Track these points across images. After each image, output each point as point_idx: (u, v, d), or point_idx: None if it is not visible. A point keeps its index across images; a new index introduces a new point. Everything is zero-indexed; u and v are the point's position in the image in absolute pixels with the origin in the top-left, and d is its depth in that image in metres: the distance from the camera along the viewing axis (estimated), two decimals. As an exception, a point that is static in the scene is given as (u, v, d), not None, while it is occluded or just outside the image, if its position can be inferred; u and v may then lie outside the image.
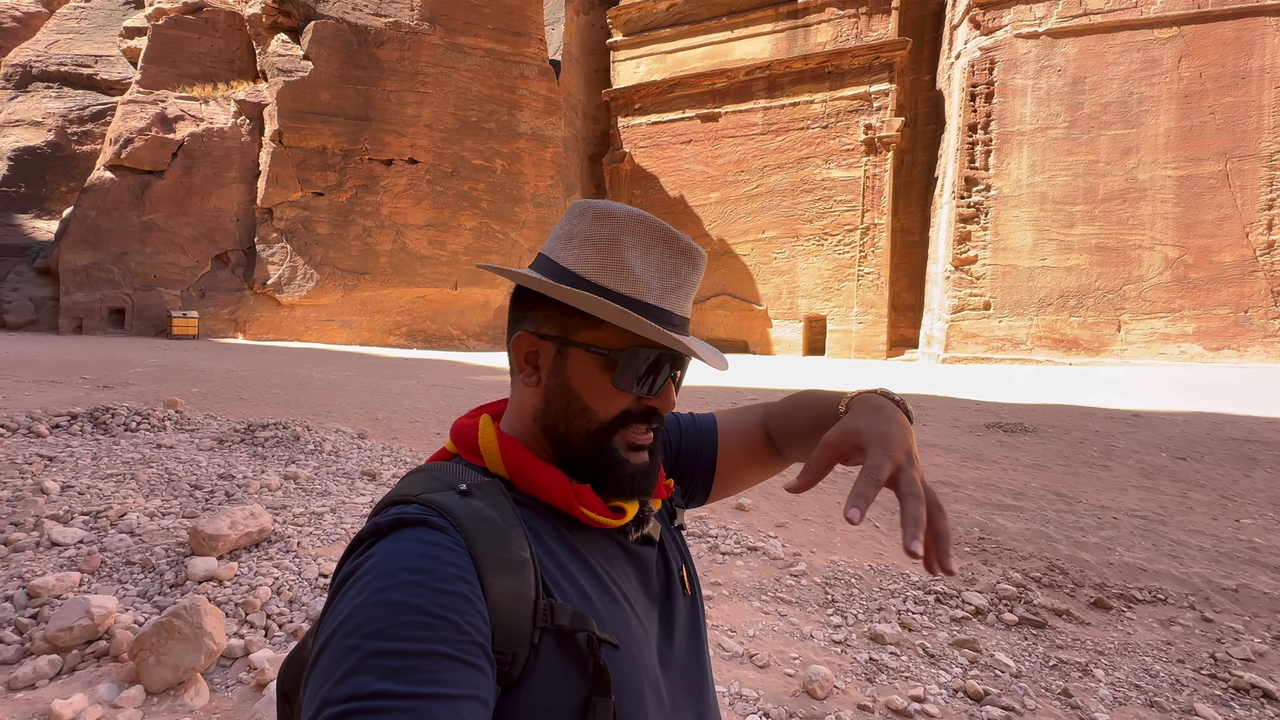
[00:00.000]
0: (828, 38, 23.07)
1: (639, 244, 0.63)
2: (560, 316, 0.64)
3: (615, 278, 0.62)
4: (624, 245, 0.63)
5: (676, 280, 0.64)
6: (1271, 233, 17.52)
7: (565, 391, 0.63)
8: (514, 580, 0.52)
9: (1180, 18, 18.21)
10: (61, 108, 22.96)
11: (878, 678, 2.36)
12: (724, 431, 0.85)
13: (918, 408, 9.92)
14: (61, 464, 3.95)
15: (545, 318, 0.64)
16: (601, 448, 0.63)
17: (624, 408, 0.63)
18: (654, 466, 0.66)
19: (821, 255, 23.03)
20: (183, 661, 1.93)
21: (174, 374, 10.05)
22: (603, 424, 0.63)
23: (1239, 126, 17.81)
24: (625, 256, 0.63)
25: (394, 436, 6.19)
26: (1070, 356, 18.92)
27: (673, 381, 0.66)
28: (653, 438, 0.66)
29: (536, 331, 0.65)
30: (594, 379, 0.62)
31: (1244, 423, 8.74)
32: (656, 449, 0.67)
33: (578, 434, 0.63)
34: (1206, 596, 3.15)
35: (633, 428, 0.64)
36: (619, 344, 0.62)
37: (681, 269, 0.65)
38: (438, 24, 21.47)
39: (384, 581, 0.47)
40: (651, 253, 0.64)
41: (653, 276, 0.63)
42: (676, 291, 0.64)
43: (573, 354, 0.63)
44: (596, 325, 0.63)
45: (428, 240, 21.66)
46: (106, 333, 19.17)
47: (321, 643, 0.47)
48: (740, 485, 0.87)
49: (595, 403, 0.63)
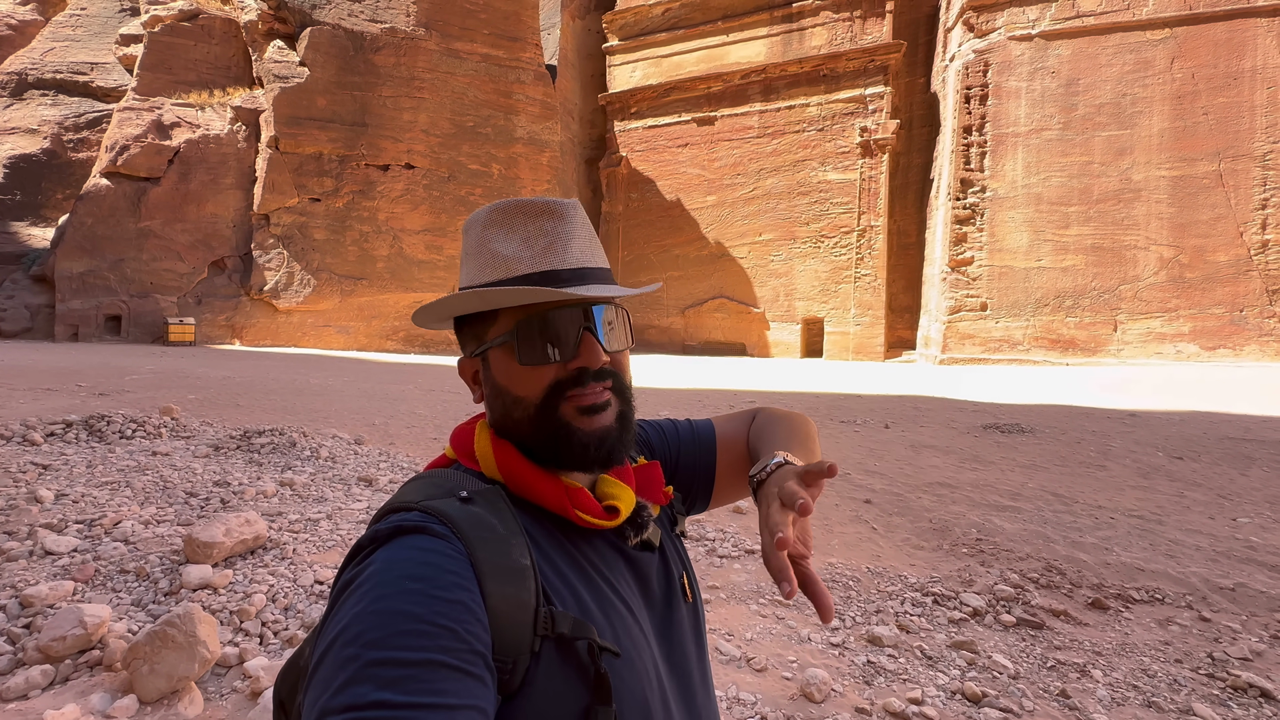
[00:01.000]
0: (822, 41, 23.17)
1: (500, 229, 0.65)
2: (473, 331, 0.67)
3: (490, 271, 0.64)
4: (489, 239, 0.64)
5: (547, 239, 0.64)
6: (1265, 232, 17.60)
7: (496, 391, 0.65)
8: (515, 588, 0.52)
9: (1172, 19, 18.33)
10: (57, 115, 22.94)
11: (875, 680, 2.35)
12: (722, 439, 0.84)
13: (915, 409, 9.93)
14: (56, 472, 3.93)
15: (467, 339, 0.68)
16: (548, 424, 0.62)
17: (549, 380, 0.62)
18: (618, 430, 0.64)
19: (818, 257, 23.08)
20: (176, 670, 1.92)
21: (170, 381, 10.02)
22: (536, 404, 0.62)
23: (1232, 127, 17.92)
24: (492, 248, 0.64)
25: (391, 442, 6.18)
26: (1067, 357, 18.97)
27: (591, 333, 0.63)
28: (609, 395, 0.64)
29: (466, 353, 0.69)
30: (509, 367, 0.63)
31: (1240, 422, 8.77)
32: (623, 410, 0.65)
33: (521, 424, 0.63)
34: (1204, 596, 3.15)
35: (572, 393, 0.62)
36: (511, 325, 0.63)
37: (547, 227, 0.64)
38: (433, 30, 21.52)
39: (383, 590, 0.47)
40: (513, 230, 0.64)
41: (518, 249, 0.63)
42: (551, 249, 0.63)
43: (490, 356, 0.65)
44: (495, 320, 0.64)
45: (425, 245, 21.67)
46: (103, 340, 19.12)
47: (321, 651, 0.46)
48: (734, 497, 0.87)
49: (520, 389, 0.63)
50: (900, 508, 4.61)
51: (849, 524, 4.24)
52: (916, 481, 5.37)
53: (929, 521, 4.30)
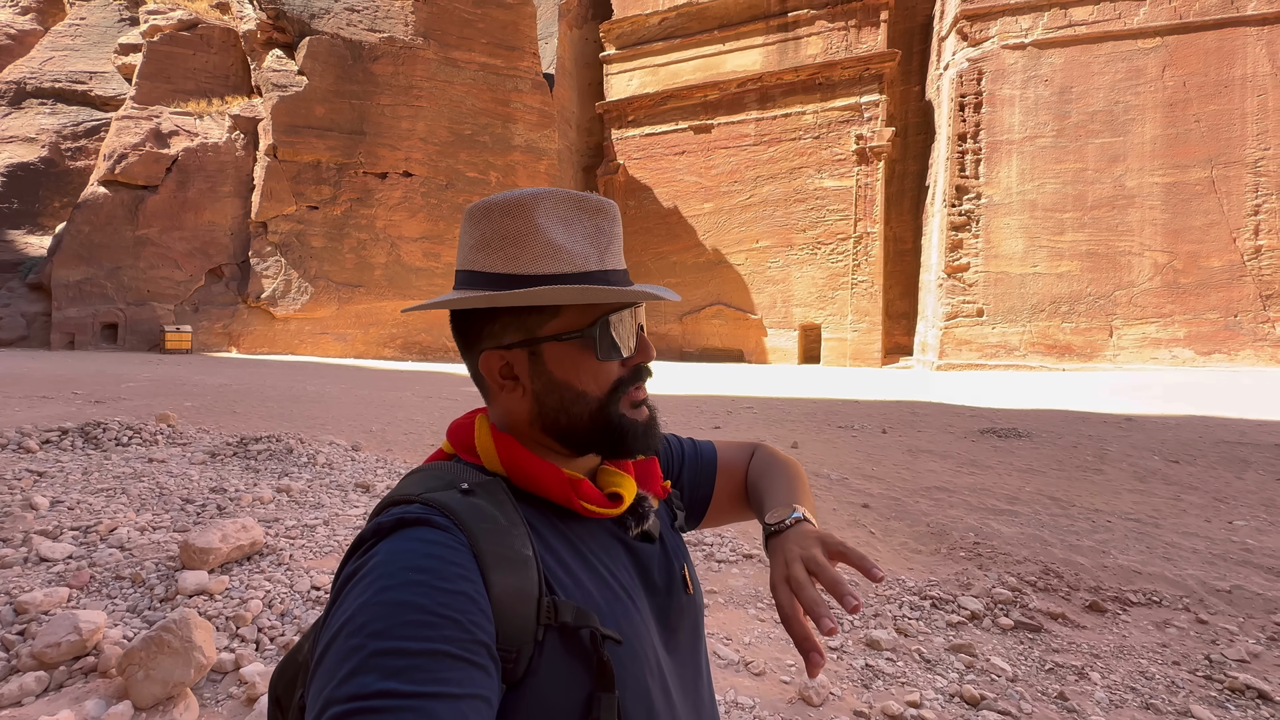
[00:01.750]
0: (818, 50, 23.36)
1: (557, 220, 0.63)
2: (518, 321, 0.63)
3: (551, 261, 0.61)
4: (543, 228, 0.62)
5: (605, 239, 0.65)
6: (1258, 238, 17.73)
7: (555, 386, 0.63)
8: (517, 578, 0.53)
9: (1163, 28, 18.54)
10: (55, 124, 22.98)
11: (874, 684, 2.35)
12: (723, 464, 0.86)
13: (912, 414, 9.95)
14: (51, 479, 3.91)
15: (503, 329, 0.63)
16: (609, 420, 0.64)
17: (616, 377, 0.65)
18: (654, 418, 0.68)
19: (815, 264, 23.16)
20: (172, 676, 1.91)
21: (167, 388, 10.00)
22: (601, 400, 0.64)
23: (1223, 134, 18.08)
24: (550, 238, 0.62)
25: (388, 448, 6.17)
26: (1063, 362, 19.02)
27: (641, 331, 0.68)
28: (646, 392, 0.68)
29: (500, 344, 0.64)
30: (578, 363, 0.63)
31: (1236, 425, 8.80)
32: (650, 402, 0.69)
33: (581, 419, 0.64)
34: (1201, 598, 3.16)
35: (631, 389, 0.66)
36: (586, 321, 0.63)
37: (604, 227, 0.65)
38: (432, 39, 21.65)
39: (387, 581, 0.48)
40: (573, 224, 0.63)
41: (584, 245, 0.63)
42: (609, 249, 0.65)
43: (546, 350, 0.63)
44: (555, 313, 0.63)
45: (423, 253, 21.69)
46: (99, 348, 19.06)
47: (325, 643, 0.47)
48: (725, 521, 0.89)
49: (587, 384, 0.63)
50: (898, 512, 4.61)
51: (847, 528, 4.24)
52: (914, 486, 5.37)
53: (927, 525, 4.30)
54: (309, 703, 0.45)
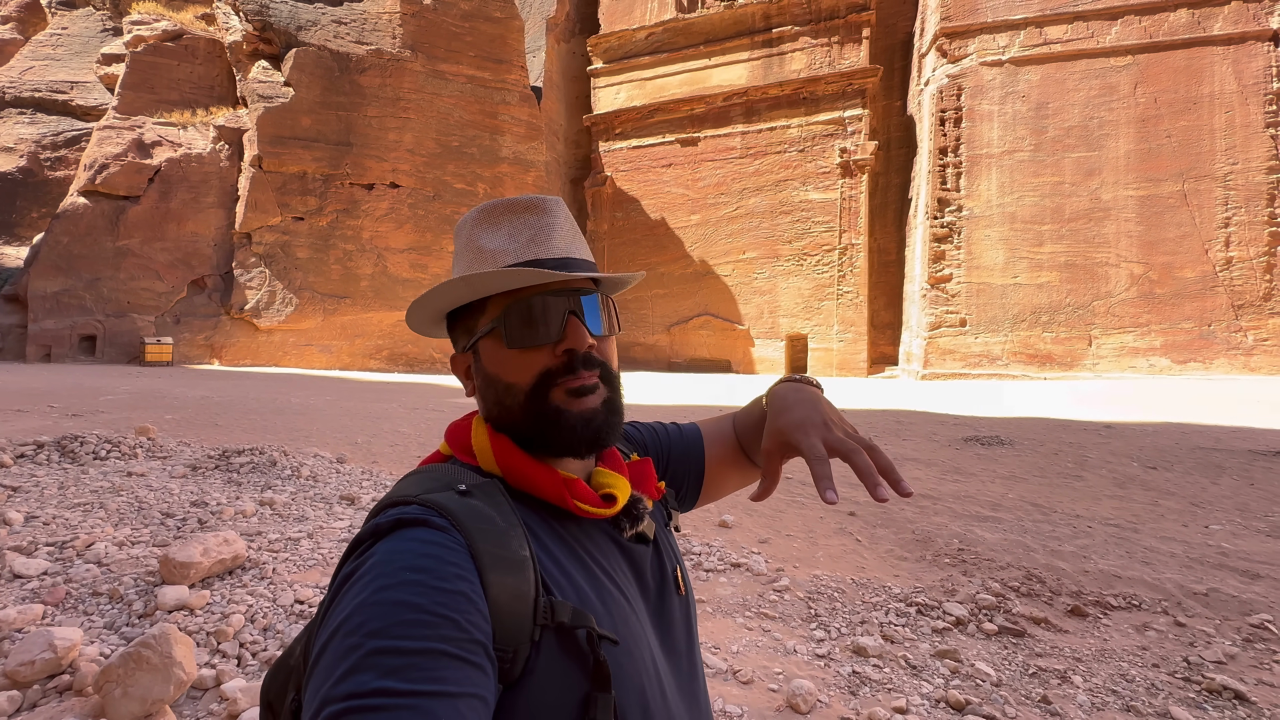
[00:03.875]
0: (802, 65, 23.77)
1: (486, 226, 0.68)
2: (464, 324, 0.69)
3: (477, 266, 0.66)
4: (476, 237, 0.68)
5: (531, 232, 0.66)
6: (1229, 249, 18.23)
7: (489, 381, 0.66)
8: (514, 578, 0.53)
9: (1134, 47, 19.12)
10: (35, 133, 22.66)
11: (861, 690, 2.36)
12: (708, 439, 0.88)
13: (898, 423, 10.05)
14: (26, 494, 3.83)
15: (457, 335, 0.70)
16: (540, 409, 0.63)
17: (541, 367, 0.64)
18: (604, 414, 0.65)
19: (801, 275, 23.40)
20: (151, 693, 1.87)
21: (146, 401, 9.82)
22: (527, 391, 0.63)
23: (1193, 149, 18.63)
24: (480, 244, 0.67)
25: (374, 460, 6.10)
26: (1044, 371, 19.34)
27: (577, 318, 0.64)
28: (597, 380, 0.65)
29: (459, 348, 0.70)
30: (499, 355, 0.65)
31: (1211, 432, 8.99)
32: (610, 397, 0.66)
33: (514, 411, 0.64)
34: (1179, 601, 3.22)
35: (562, 380, 0.64)
36: (498, 312, 0.65)
37: (531, 220, 0.67)
38: (419, 51, 21.72)
39: (384, 581, 0.48)
40: (499, 226, 0.67)
41: (504, 242, 0.66)
42: (535, 240, 0.66)
43: (480, 347, 0.67)
44: (483, 311, 0.66)
45: (409, 264, 21.60)
46: (76, 360, 18.69)
47: (322, 642, 0.47)
48: (723, 492, 0.90)
49: (511, 375, 0.64)
50: (884, 520, 4.64)
51: (834, 536, 4.27)
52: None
53: (912, 533, 4.34)
54: (306, 701, 0.45)
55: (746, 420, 0.86)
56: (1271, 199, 17.95)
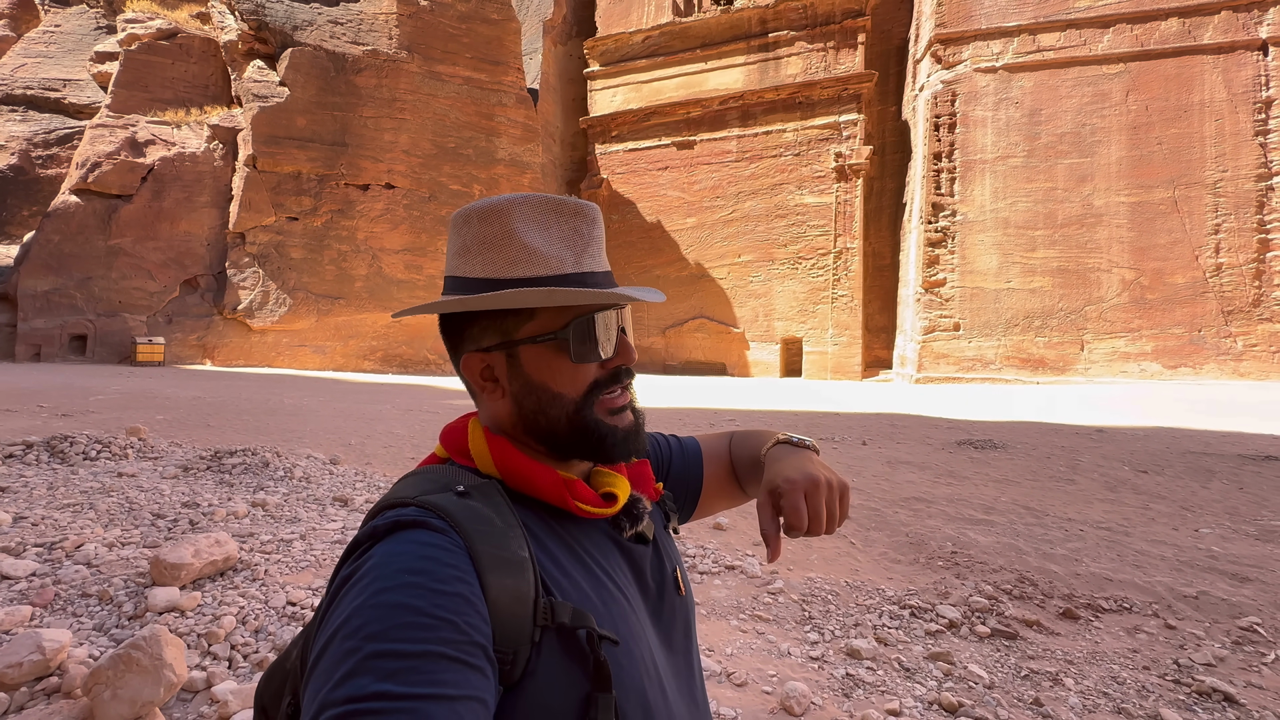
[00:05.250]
0: (798, 70, 23.90)
1: (534, 224, 0.64)
2: (496, 324, 0.64)
3: (526, 265, 0.62)
4: (520, 232, 0.63)
5: (582, 242, 0.65)
6: (1219, 255, 18.42)
7: (531, 388, 0.64)
8: (513, 580, 0.53)
9: (1126, 55, 19.33)
10: (26, 131, 22.48)
11: (854, 693, 2.37)
12: (707, 453, 0.88)
13: (892, 426, 10.09)
14: (15, 494, 3.79)
15: (482, 332, 0.65)
16: (585, 423, 0.64)
17: (591, 379, 0.65)
18: (640, 423, 0.68)
19: (796, 279, 23.48)
20: (140, 695, 1.85)
21: (137, 401, 9.74)
22: (577, 402, 0.64)
23: (1184, 156, 18.83)
24: (526, 241, 0.63)
25: (368, 462, 6.08)
26: (1037, 375, 19.46)
27: (624, 335, 0.67)
28: (629, 396, 0.68)
29: (480, 347, 0.65)
30: (553, 365, 0.64)
31: (1201, 437, 9.06)
32: (636, 406, 0.69)
33: (558, 422, 0.64)
34: (1169, 604, 3.24)
35: (606, 393, 0.65)
36: (560, 323, 0.63)
37: (582, 229, 0.65)
38: (416, 52, 21.70)
39: (383, 583, 0.48)
40: (549, 227, 0.64)
41: (559, 248, 0.63)
42: (587, 251, 0.65)
43: (523, 353, 0.64)
44: (532, 316, 0.64)
45: (404, 264, 21.54)
46: (67, 360, 18.52)
47: (321, 645, 0.47)
48: (713, 509, 0.90)
49: (563, 386, 0.64)
50: (877, 522, 4.66)
51: (828, 539, 4.28)
52: (893, 496, 5.44)
53: (905, 535, 4.35)
54: (304, 705, 0.45)
55: (742, 450, 0.86)
56: (1261, 206, 18.16)
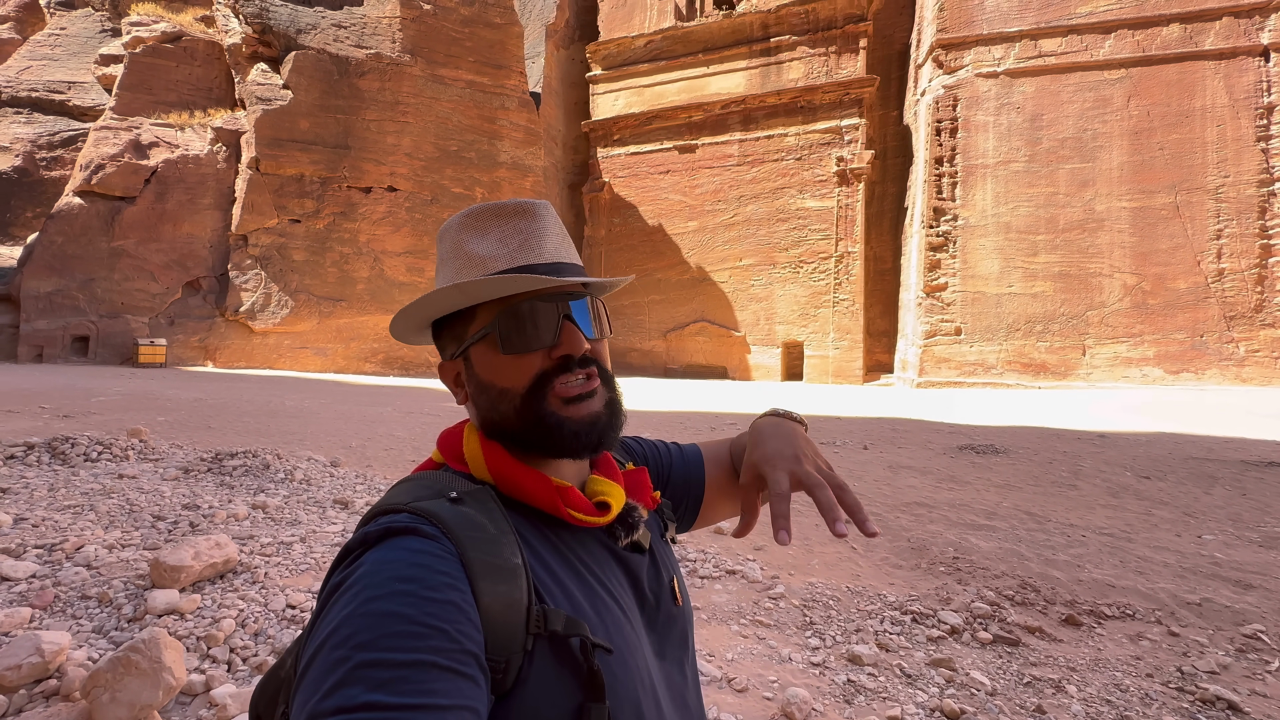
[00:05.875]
0: (799, 74, 23.95)
1: (474, 232, 0.66)
2: (452, 332, 0.67)
3: (468, 271, 0.65)
4: (464, 242, 0.66)
5: (521, 238, 0.65)
6: (1221, 261, 18.40)
7: (481, 387, 0.65)
8: (506, 587, 0.52)
9: (1127, 60, 19.35)
10: (31, 133, 22.58)
11: (856, 699, 2.35)
12: (709, 459, 0.87)
13: (893, 430, 10.07)
14: (15, 496, 3.79)
15: (445, 342, 0.69)
16: (534, 414, 0.63)
17: (536, 370, 0.63)
18: (610, 415, 0.66)
19: (797, 283, 23.48)
20: (139, 698, 1.85)
21: (139, 403, 9.75)
22: (521, 395, 0.63)
23: (1186, 162, 18.83)
24: (468, 250, 0.65)
25: (368, 464, 6.07)
26: (1039, 380, 19.42)
27: (570, 322, 0.65)
28: (595, 384, 0.65)
29: (446, 357, 0.69)
30: (493, 361, 0.64)
31: (1203, 442, 9.04)
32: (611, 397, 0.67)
33: (509, 416, 0.64)
34: (1172, 611, 3.22)
35: (558, 381, 0.63)
36: (491, 317, 0.64)
37: (521, 226, 0.66)
38: (419, 56, 21.79)
39: (373, 591, 0.47)
40: (487, 232, 0.66)
41: (494, 248, 0.65)
42: (526, 246, 0.65)
43: (472, 354, 0.66)
44: (473, 317, 0.65)
45: (406, 267, 21.59)
46: (69, 361, 18.55)
47: (310, 654, 0.46)
48: (717, 517, 0.89)
49: (506, 380, 0.63)
50: (879, 527, 4.64)
51: (829, 544, 4.26)
52: (895, 501, 5.42)
53: (907, 541, 4.34)
54: (293, 715, 0.44)
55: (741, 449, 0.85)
56: (1262, 212, 18.14)
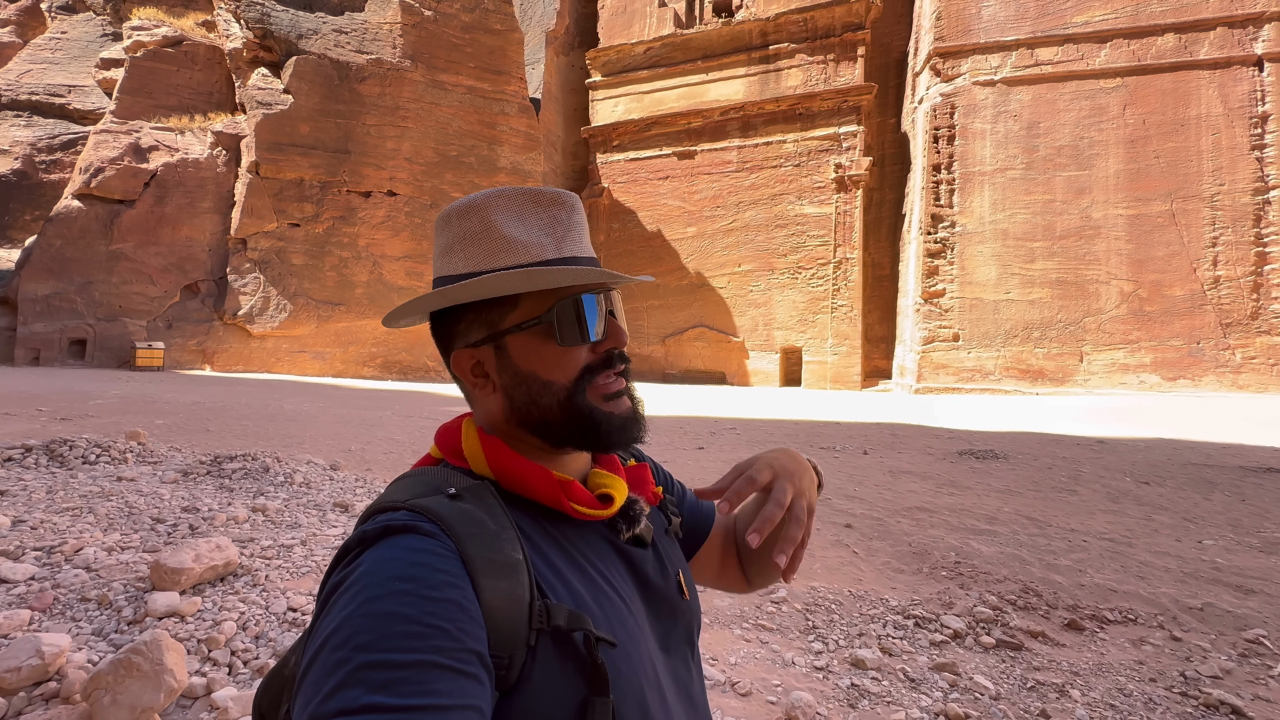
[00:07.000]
0: (798, 81, 24.09)
1: (511, 215, 0.63)
2: (481, 317, 0.64)
3: (507, 255, 0.62)
4: (498, 224, 0.63)
5: (562, 229, 0.64)
6: (1217, 268, 18.49)
7: (521, 379, 0.63)
8: (507, 583, 0.51)
9: (1123, 69, 19.51)
10: (30, 136, 22.59)
11: (860, 703, 2.35)
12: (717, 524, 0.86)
13: (893, 436, 10.08)
14: (13, 498, 3.77)
15: (469, 327, 0.65)
16: (579, 410, 0.62)
17: (582, 364, 0.63)
18: (638, 411, 0.66)
19: (796, 288, 23.53)
20: (140, 701, 1.83)
21: (137, 406, 9.72)
22: (568, 388, 0.62)
23: (1181, 170, 18.96)
24: (505, 232, 0.63)
25: (368, 468, 6.06)
26: (1037, 386, 19.47)
27: (614, 317, 0.66)
28: (624, 382, 0.66)
29: (469, 343, 0.65)
30: (540, 351, 0.63)
31: (1201, 448, 9.06)
32: (633, 393, 0.67)
33: (551, 411, 0.63)
34: (1174, 616, 3.22)
35: (599, 378, 0.64)
36: (545, 306, 0.63)
37: (561, 217, 0.65)
38: (419, 61, 21.87)
39: (373, 591, 0.46)
40: (527, 217, 0.64)
41: (539, 235, 0.63)
42: (567, 237, 0.64)
43: (510, 342, 0.63)
44: (515, 304, 0.63)
45: (405, 271, 21.59)
46: (66, 364, 18.49)
47: (310, 656, 0.45)
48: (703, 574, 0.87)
49: (552, 373, 0.62)
50: (880, 532, 4.64)
51: (831, 548, 4.26)
52: (896, 506, 5.42)
53: (908, 545, 4.33)
54: (294, 717, 0.43)
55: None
56: (1257, 220, 18.26)
